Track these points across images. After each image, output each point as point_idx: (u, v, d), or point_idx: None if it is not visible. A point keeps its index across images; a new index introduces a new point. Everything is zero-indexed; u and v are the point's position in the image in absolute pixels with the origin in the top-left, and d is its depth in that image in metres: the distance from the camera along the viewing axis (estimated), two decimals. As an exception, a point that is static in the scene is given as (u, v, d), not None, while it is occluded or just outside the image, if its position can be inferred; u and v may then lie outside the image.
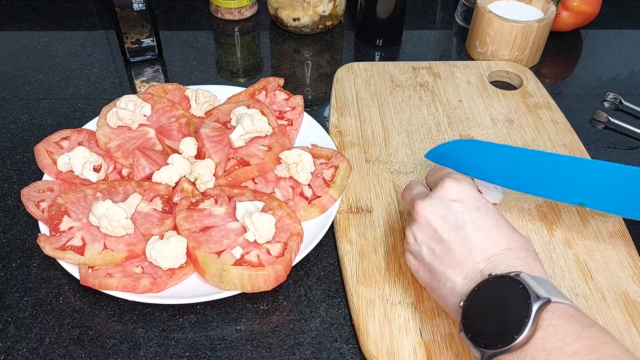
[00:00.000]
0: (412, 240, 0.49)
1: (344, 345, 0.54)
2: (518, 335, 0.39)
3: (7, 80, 0.85)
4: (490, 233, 0.45)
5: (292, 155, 0.65)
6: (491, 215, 0.47)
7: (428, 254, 0.48)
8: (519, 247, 0.45)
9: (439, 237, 0.47)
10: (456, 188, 0.48)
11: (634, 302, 0.56)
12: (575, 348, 0.37)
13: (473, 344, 0.42)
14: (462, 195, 0.48)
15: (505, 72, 0.85)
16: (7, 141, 0.75)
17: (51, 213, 0.59)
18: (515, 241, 0.45)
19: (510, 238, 0.45)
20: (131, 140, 0.68)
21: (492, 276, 0.43)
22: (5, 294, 0.58)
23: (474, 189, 0.48)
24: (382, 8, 0.88)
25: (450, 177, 0.49)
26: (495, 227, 0.46)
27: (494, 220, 0.46)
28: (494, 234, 0.45)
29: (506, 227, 0.46)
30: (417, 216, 0.49)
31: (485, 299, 0.42)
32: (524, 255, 0.44)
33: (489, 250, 0.45)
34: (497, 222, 0.46)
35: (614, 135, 0.78)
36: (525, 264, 0.44)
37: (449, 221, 0.47)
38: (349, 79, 0.82)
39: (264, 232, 0.56)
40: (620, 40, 0.97)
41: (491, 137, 0.74)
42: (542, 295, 0.39)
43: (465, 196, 0.47)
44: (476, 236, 0.45)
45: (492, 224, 0.46)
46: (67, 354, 0.53)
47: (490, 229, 0.46)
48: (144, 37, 0.85)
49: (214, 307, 0.57)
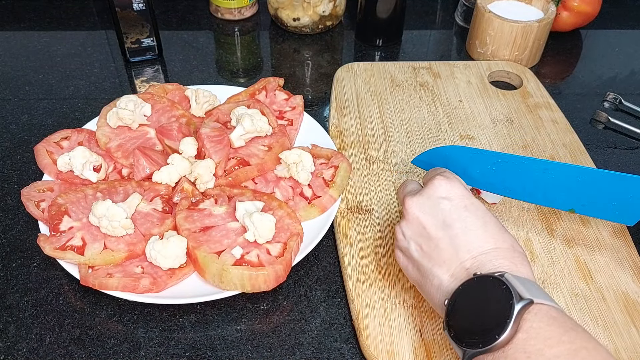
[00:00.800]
0: (401, 236, 0.50)
1: (344, 345, 0.54)
2: (499, 336, 0.39)
3: (7, 80, 0.85)
4: (477, 232, 0.45)
5: (292, 155, 0.65)
6: (480, 214, 0.47)
7: (416, 251, 0.48)
8: (506, 247, 0.45)
9: (427, 234, 0.47)
10: (445, 186, 0.48)
11: (634, 302, 0.56)
12: (555, 352, 0.37)
13: (455, 343, 0.42)
14: (451, 193, 0.48)
15: (505, 72, 0.85)
16: (7, 141, 0.75)
17: (51, 213, 0.59)
18: (502, 241, 0.45)
19: (498, 238, 0.45)
20: (131, 140, 0.68)
21: (477, 275, 0.43)
22: (6, 294, 0.58)
23: (464, 188, 0.48)
24: (382, 8, 0.88)
25: (441, 175, 0.49)
26: (483, 227, 0.46)
27: (482, 220, 0.46)
28: (482, 233, 0.45)
29: (495, 227, 0.46)
30: (406, 213, 0.49)
31: (469, 298, 0.42)
32: (511, 256, 0.44)
33: (476, 249, 0.45)
34: (485, 222, 0.46)
35: (614, 135, 0.78)
36: (512, 264, 0.44)
37: (437, 218, 0.47)
38: (349, 79, 0.83)
39: (264, 232, 0.56)
40: (620, 40, 0.97)
41: (491, 137, 0.74)
42: (525, 296, 0.39)
43: (455, 194, 0.47)
44: (464, 235, 0.45)
45: (480, 223, 0.46)
46: (68, 354, 0.53)
47: (478, 228, 0.46)
48: (144, 37, 0.85)
49: (214, 307, 0.57)
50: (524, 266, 0.44)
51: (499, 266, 0.43)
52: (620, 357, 0.52)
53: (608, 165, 0.73)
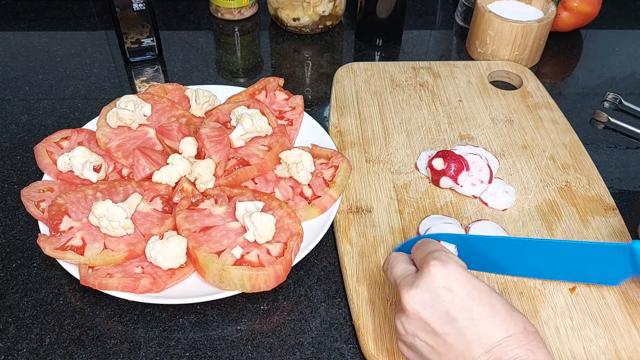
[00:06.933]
0: (403, 331, 0.46)
1: (344, 345, 0.54)
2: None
3: (7, 80, 0.85)
4: (487, 321, 0.42)
5: (292, 155, 0.65)
6: (485, 300, 0.43)
7: (422, 346, 0.45)
8: (519, 331, 0.42)
9: (432, 330, 0.44)
10: (443, 273, 0.44)
11: (634, 302, 0.56)
12: None
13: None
14: (451, 282, 0.44)
15: (505, 72, 0.85)
16: (7, 141, 0.75)
17: (51, 213, 0.59)
18: (514, 325, 0.43)
19: (509, 322, 0.43)
20: (131, 140, 0.68)
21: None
22: (6, 295, 0.58)
23: (463, 271, 0.45)
24: (382, 8, 0.88)
25: (436, 260, 0.45)
26: (492, 314, 0.43)
27: (489, 305, 0.43)
28: (491, 322, 0.42)
29: (503, 310, 0.43)
30: (404, 308, 0.45)
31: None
32: (526, 341, 0.42)
33: (489, 341, 0.42)
34: (493, 306, 0.43)
35: (614, 135, 0.78)
36: (529, 351, 0.41)
37: (440, 312, 0.43)
38: (349, 79, 0.82)
39: (264, 232, 0.56)
40: (620, 40, 0.97)
41: (491, 136, 0.74)
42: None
43: (455, 282, 0.44)
44: (472, 327, 0.42)
45: (488, 310, 0.43)
46: (68, 354, 0.53)
47: (487, 318, 0.42)
48: (144, 37, 0.85)
49: (214, 307, 0.57)
50: (540, 349, 0.42)
51: (515, 356, 0.41)
52: (621, 357, 0.52)
53: (608, 165, 0.73)
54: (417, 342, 0.45)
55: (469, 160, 0.66)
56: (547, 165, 0.70)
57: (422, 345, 0.45)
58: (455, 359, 0.43)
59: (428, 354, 0.44)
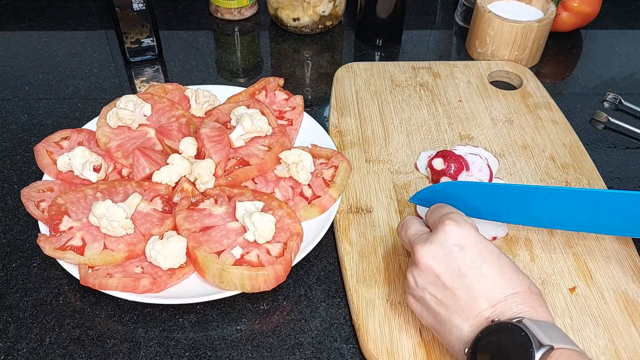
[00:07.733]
0: (414, 284, 0.48)
1: (344, 345, 0.54)
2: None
3: (7, 80, 0.85)
4: (494, 279, 0.45)
5: (292, 155, 0.65)
6: (495, 259, 0.46)
7: (431, 300, 0.47)
8: (524, 290, 0.44)
9: (442, 284, 0.46)
10: (457, 232, 0.46)
11: (634, 302, 0.56)
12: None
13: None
14: (464, 240, 0.46)
15: (505, 72, 0.85)
16: (7, 141, 0.75)
17: (51, 213, 0.59)
18: (520, 284, 0.45)
19: (515, 282, 0.45)
20: (131, 140, 0.68)
21: (495, 322, 0.42)
22: (6, 294, 0.58)
23: (475, 232, 0.47)
24: (382, 8, 0.88)
25: (451, 220, 0.47)
26: (500, 272, 0.45)
27: (498, 264, 0.45)
28: (498, 279, 0.45)
29: (511, 270, 0.45)
30: (417, 261, 0.47)
31: (489, 347, 0.42)
32: (530, 299, 0.44)
33: (495, 296, 0.44)
34: (501, 266, 0.45)
35: (614, 135, 0.78)
36: (532, 308, 0.43)
37: (451, 267, 0.46)
38: (349, 79, 0.82)
39: (264, 232, 0.56)
40: (620, 40, 0.97)
41: (491, 136, 0.74)
42: (545, 343, 0.39)
43: (467, 241, 0.46)
44: (480, 283, 0.45)
45: (496, 268, 0.45)
46: (68, 354, 0.53)
47: (495, 275, 0.45)
48: (144, 37, 0.85)
49: (214, 307, 0.57)
50: (543, 308, 0.44)
51: (519, 312, 0.43)
52: (620, 357, 0.52)
53: (608, 165, 0.73)
54: (427, 295, 0.47)
55: (469, 160, 0.66)
56: (547, 165, 0.70)
57: (431, 299, 0.47)
58: (461, 311, 0.45)
59: (436, 307, 0.46)
